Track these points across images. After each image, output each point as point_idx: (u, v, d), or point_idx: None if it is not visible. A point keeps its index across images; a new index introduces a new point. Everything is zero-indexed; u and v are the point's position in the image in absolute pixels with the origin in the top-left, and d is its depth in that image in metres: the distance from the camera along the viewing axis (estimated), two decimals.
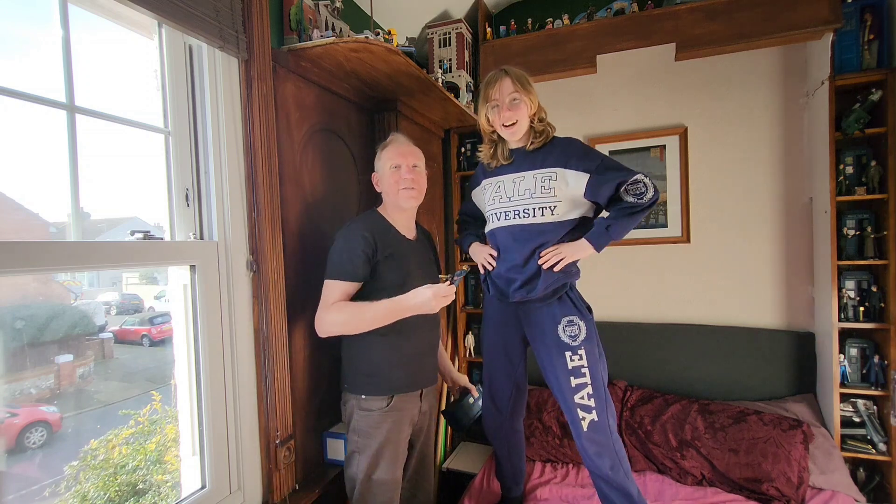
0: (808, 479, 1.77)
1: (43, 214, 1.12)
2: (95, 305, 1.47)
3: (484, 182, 1.68)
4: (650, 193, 1.44)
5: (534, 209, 1.52)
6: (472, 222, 1.84)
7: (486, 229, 1.66)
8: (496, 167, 1.64)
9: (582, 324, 1.54)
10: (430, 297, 1.28)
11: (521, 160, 1.58)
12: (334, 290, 1.35)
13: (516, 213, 1.54)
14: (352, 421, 1.41)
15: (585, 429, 1.50)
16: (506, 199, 1.57)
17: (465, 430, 1.82)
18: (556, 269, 1.50)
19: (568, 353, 1.52)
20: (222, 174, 1.31)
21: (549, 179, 1.51)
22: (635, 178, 1.45)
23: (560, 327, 1.53)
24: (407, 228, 1.51)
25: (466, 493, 2.00)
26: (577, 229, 1.55)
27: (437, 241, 1.91)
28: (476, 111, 1.64)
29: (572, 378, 1.51)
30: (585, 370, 1.51)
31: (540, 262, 1.50)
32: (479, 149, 1.70)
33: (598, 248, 1.49)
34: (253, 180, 1.37)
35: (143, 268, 1.44)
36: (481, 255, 1.65)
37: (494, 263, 1.61)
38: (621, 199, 1.47)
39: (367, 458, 1.37)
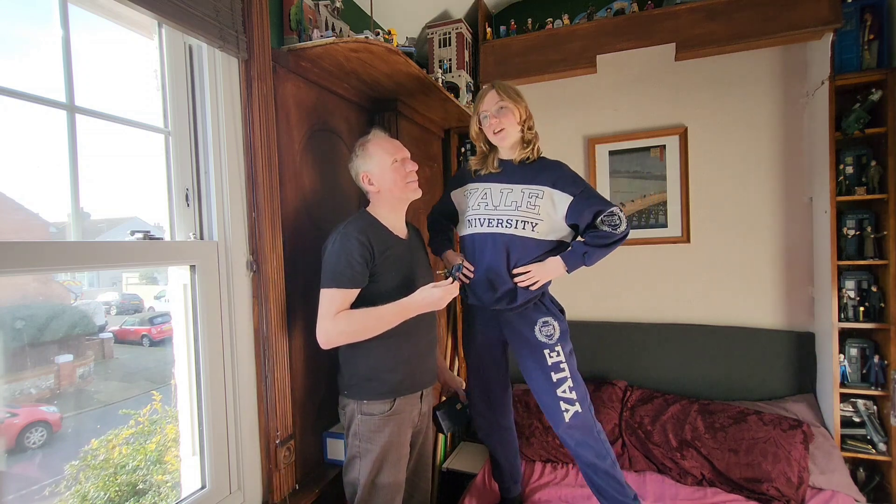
0: (808, 479, 1.77)
1: (43, 214, 1.12)
2: (95, 305, 1.47)
3: (470, 185, 1.71)
4: (623, 227, 1.53)
5: (516, 221, 1.57)
6: (444, 223, 1.85)
7: (465, 232, 1.68)
8: (485, 174, 1.69)
9: (556, 323, 1.63)
10: (441, 296, 1.31)
11: (511, 172, 1.64)
12: (335, 298, 1.30)
13: (499, 221, 1.59)
14: (352, 425, 1.38)
15: (568, 420, 1.59)
16: (491, 206, 1.62)
17: (446, 434, 1.81)
18: (531, 289, 1.58)
19: (546, 351, 1.61)
20: (222, 174, 1.31)
21: (536, 197, 1.57)
22: (612, 210, 1.54)
23: (536, 328, 1.62)
24: (399, 228, 1.48)
25: (468, 492, 2.00)
26: (551, 252, 1.61)
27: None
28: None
29: (553, 374, 1.60)
30: (564, 365, 1.61)
31: (517, 281, 1.57)
32: (470, 159, 1.77)
33: (570, 270, 1.57)
34: (253, 180, 1.37)
35: (143, 268, 1.44)
36: (454, 264, 1.66)
37: (472, 275, 1.64)
38: (597, 228, 1.55)
39: (369, 463, 1.35)
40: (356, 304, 1.34)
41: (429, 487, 1.61)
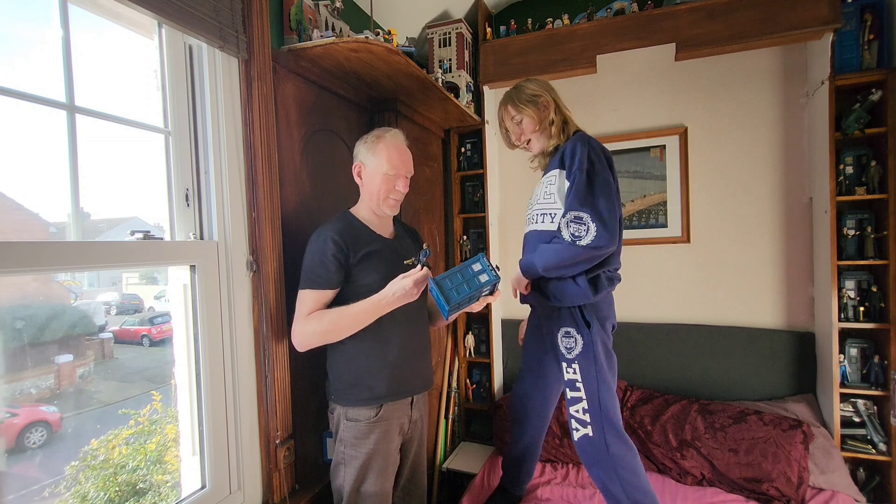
0: (808, 479, 1.77)
1: (43, 214, 1.12)
2: (95, 305, 1.47)
3: None
4: (588, 238, 1.32)
5: (538, 215, 1.53)
6: None
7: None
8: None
9: (579, 337, 1.48)
10: (410, 285, 1.22)
11: (548, 165, 1.62)
12: (308, 299, 1.29)
13: (531, 218, 1.60)
14: (338, 431, 1.37)
15: (576, 439, 1.51)
16: (530, 205, 1.64)
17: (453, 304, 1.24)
18: (524, 292, 1.53)
19: (564, 364, 1.51)
20: (222, 174, 1.31)
21: (550, 184, 1.49)
22: (581, 214, 1.33)
23: (559, 336, 1.52)
24: (382, 227, 1.45)
25: (467, 493, 2.00)
26: None
27: (431, 238, 1.89)
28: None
29: (568, 390, 1.51)
30: (580, 385, 1.48)
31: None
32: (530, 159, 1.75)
33: (525, 273, 1.48)
34: (253, 180, 1.37)
35: (143, 268, 1.44)
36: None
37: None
38: (559, 232, 1.39)
39: (354, 471, 1.32)
40: (337, 304, 1.31)
41: (424, 495, 1.58)
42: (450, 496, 2.27)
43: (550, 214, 1.47)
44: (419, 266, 1.26)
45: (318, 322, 1.28)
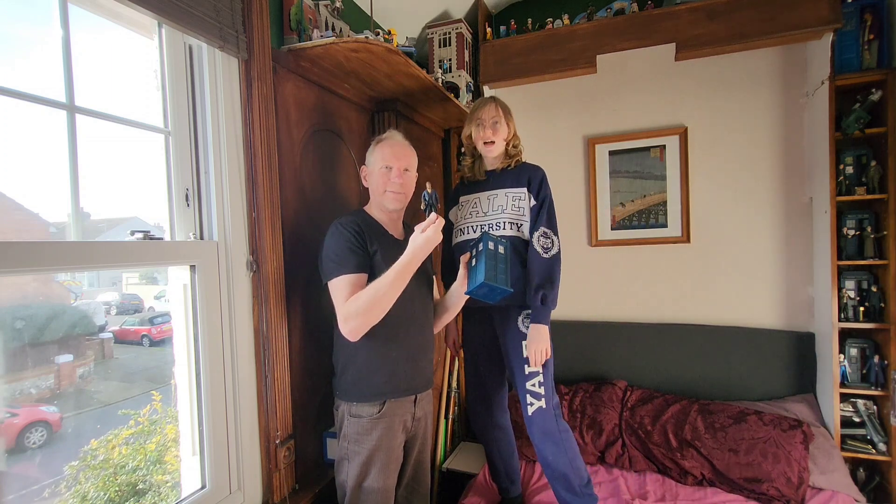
0: (808, 479, 1.77)
1: (43, 214, 1.12)
2: (95, 305, 1.47)
3: (462, 199, 1.81)
4: (554, 249, 1.64)
5: (504, 223, 1.68)
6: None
7: (458, 240, 1.75)
8: (473, 182, 1.80)
9: None
10: (430, 234, 1.26)
11: (495, 180, 1.76)
12: (342, 286, 1.29)
13: (490, 226, 1.69)
14: (342, 427, 1.38)
15: (531, 414, 1.66)
16: (482, 213, 1.73)
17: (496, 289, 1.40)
18: (546, 357, 1.63)
19: (524, 343, 1.66)
20: (222, 174, 1.31)
21: (519, 199, 1.70)
22: (548, 231, 1.66)
23: (520, 319, 1.68)
24: (394, 228, 1.48)
25: (470, 490, 2.00)
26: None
27: None
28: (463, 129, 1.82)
29: (526, 366, 1.66)
30: None
31: (533, 365, 1.62)
32: (462, 161, 1.86)
33: (547, 322, 1.62)
34: (253, 180, 1.37)
35: (143, 268, 1.44)
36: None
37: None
38: (532, 247, 1.64)
39: (356, 466, 1.33)
40: None
41: (427, 492, 1.58)
42: (450, 496, 2.27)
43: (518, 224, 1.69)
44: (433, 216, 1.30)
45: (354, 304, 1.26)
